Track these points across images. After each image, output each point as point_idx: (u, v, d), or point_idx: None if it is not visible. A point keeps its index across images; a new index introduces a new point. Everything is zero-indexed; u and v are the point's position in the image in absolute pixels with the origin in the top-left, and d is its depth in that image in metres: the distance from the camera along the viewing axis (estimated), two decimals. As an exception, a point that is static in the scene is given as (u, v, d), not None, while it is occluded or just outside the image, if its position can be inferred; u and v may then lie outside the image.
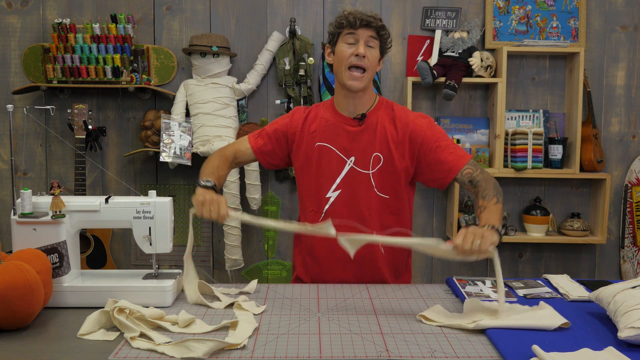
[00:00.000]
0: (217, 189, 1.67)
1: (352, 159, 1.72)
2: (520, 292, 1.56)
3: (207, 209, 1.54)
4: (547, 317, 1.32)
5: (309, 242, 1.81)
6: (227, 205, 1.56)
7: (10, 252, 1.43)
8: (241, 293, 1.56)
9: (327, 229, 1.44)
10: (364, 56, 1.63)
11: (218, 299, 1.49)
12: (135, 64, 2.88)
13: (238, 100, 2.94)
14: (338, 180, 1.73)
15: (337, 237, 1.44)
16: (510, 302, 1.47)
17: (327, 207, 1.74)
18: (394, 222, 1.77)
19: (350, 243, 1.45)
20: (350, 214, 1.73)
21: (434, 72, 2.79)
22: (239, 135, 2.86)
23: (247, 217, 1.53)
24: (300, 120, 1.78)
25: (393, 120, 1.73)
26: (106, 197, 1.50)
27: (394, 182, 1.73)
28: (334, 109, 1.77)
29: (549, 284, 1.66)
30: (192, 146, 2.83)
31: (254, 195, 2.81)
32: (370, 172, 1.71)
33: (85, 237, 2.81)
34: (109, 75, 2.82)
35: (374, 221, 1.74)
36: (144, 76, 2.87)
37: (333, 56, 1.72)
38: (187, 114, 2.88)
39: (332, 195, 1.73)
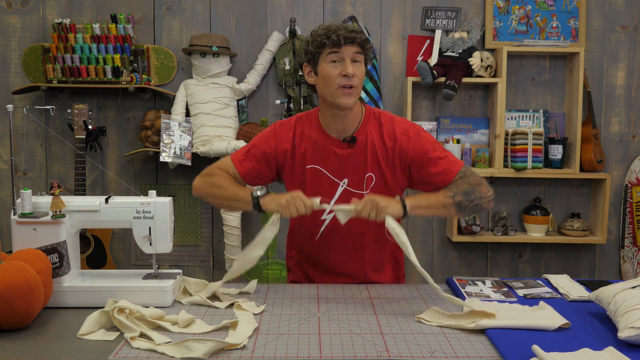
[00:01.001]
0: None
1: (345, 180, 1.66)
2: (520, 292, 1.56)
3: (293, 208, 1.49)
4: (547, 317, 1.32)
5: (305, 244, 1.78)
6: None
7: (10, 252, 1.43)
8: (241, 293, 1.56)
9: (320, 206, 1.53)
10: (353, 75, 1.55)
11: (218, 299, 1.49)
12: (135, 64, 2.89)
13: (238, 100, 2.94)
14: (332, 203, 1.67)
15: (331, 207, 1.56)
16: (510, 302, 1.47)
17: (322, 229, 1.71)
18: (388, 234, 1.73)
19: (344, 213, 1.54)
20: (347, 234, 1.69)
21: (434, 72, 2.79)
22: (238, 135, 2.86)
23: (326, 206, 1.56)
24: (289, 140, 1.69)
25: (381, 135, 1.66)
26: (106, 197, 1.50)
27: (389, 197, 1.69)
28: (320, 128, 1.68)
29: (549, 284, 1.66)
30: (192, 146, 2.83)
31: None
32: (365, 192, 1.66)
33: (85, 237, 2.81)
34: (109, 75, 2.82)
35: (371, 238, 1.72)
36: (144, 76, 2.87)
37: (315, 76, 1.62)
38: (187, 114, 2.88)
39: (328, 217, 1.69)
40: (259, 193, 1.57)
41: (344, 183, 1.67)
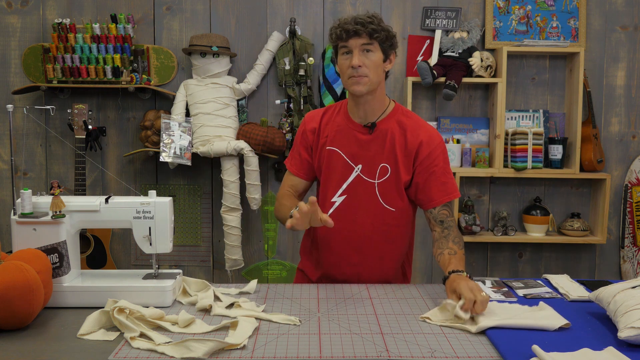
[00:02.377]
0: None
1: (360, 166, 1.71)
2: (520, 292, 1.56)
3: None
4: (548, 317, 1.32)
5: (315, 228, 1.81)
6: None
7: (10, 252, 1.43)
8: (241, 293, 1.56)
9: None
10: (359, 66, 1.60)
11: (218, 299, 1.49)
12: (135, 64, 2.89)
13: (238, 100, 2.94)
14: (344, 186, 1.72)
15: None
16: (510, 302, 1.47)
17: (331, 210, 1.74)
18: (397, 234, 1.77)
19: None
20: (353, 220, 1.73)
21: (434, 72, 2.79)
22: (238, 135, 2.86)
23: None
24: (317, 121, 1.78)
25: (404, 131, 1.70)
26: (106, 197, 1.50)
27: (400, 194, 1.72)
28: (346, 114, 1.76)
29: (549, 284, 1.66)
30: (192, 146, 2.83)
31: (254, 195, 2.81)
32: (376, 181, 1.70)
33: (85, 237, 2.81)
34: (109, 75, 2.82)
35: (377, 232, 1.74)
36: (144, 76, 2.87)
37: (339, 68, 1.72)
38: (187, 114, 2.88)
39: (338, 200, 1.73)
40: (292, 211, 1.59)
41: (358, 169, 1.71)
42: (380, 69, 1.65)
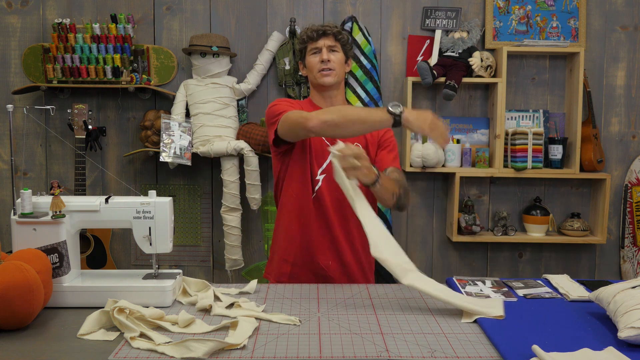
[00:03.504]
0: None
1: (336, 146, 1.85)
2: (520, 292, 1.56)
3: (437, 133, 1.63)
4: (490, 305, 1.40)
5: (297, 206, 1.90)
6: None
7: (10, 252, 1.43)
8: (241, 293, 1.57)
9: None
10: (328, 60, 1.86)
11: (218, 299, 1.49)
12: (135, 64, 2.89)
13: (238, 100, 2.94)
14: (324, 165, 1.89)
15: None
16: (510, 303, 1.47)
17: (317, 187, 1.88)
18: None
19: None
20: (334, 194, 1.87)
21: (434, 72, 2.79)
22: (238, 135, 2.86)
23: None
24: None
25: None
26: (106, 197, 1.50)
27: None
28: (315, 106, 1.94)
29: (549, 284, 1.66)
30: (192, 146, 2.83)
31: (254, 195, 2.81)
32: None
33: (85, 237, 2.81)
34: (109, 75, 2.82)
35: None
36: (144, 76, 2.87)
37: (305, 69, 1.94)
38: (187, 114, 2.88)
39: (320, 177, 1.88)
40: (398, 110, 1.62)
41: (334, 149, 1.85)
42: (342, 67, 1.91)
